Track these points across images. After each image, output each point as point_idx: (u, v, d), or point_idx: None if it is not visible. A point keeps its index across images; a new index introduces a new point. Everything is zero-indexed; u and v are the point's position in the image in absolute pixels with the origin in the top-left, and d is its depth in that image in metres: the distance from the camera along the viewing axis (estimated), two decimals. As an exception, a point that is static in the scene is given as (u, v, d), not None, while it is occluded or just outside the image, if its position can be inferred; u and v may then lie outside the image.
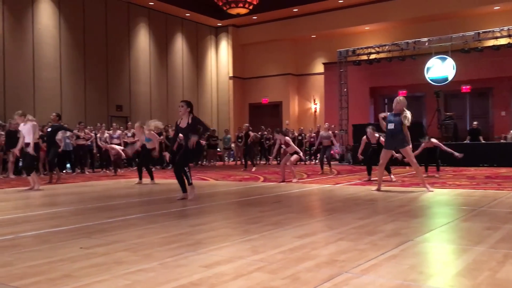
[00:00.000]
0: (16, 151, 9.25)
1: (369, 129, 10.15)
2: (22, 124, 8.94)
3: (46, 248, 3.77)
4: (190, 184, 6.88)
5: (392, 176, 9.99)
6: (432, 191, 7.58)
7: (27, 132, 8.85)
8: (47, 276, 2.93)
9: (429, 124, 17.99)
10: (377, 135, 9.97)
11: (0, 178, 12.49)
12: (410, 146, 7.63)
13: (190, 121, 6.79)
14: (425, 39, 17.83)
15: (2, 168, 12.98)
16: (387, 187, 8.21)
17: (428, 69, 18.41)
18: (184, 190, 6.93)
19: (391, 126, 7.51)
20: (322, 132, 13.64)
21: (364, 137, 10.34)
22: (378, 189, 7.76)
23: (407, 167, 14.42)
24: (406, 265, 3.09)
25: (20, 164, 11.56)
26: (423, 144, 10.81)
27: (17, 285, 2.76)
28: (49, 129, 10.34)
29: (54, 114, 10.52)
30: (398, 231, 4.23)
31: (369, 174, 10.19)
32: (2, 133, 12.70)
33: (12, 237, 4.23)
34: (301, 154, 10.74)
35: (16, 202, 7.22)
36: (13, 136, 11.35)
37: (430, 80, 18.43)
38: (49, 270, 3.07)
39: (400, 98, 7.58)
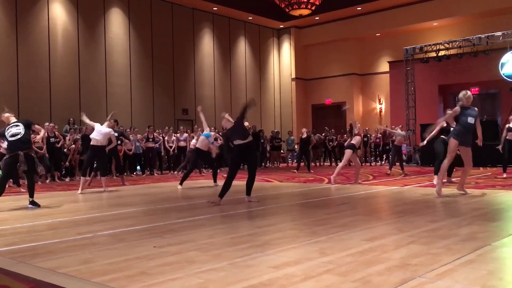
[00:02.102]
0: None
1: None
2: (100, 126, 9.52)
3: (123, 246, 3.96)
4: (248, 195, 7.03)
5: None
6: (470, 193, 7.20)
7: (106, 135, 9.46)
8: (125, 273, 3.08)
9: (504, 123, 16.97)
10: None
11: (76, 179, 13.23)
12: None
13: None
14: (499, 33, 16.87)
15: (80, 170, 13.71)
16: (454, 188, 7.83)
17: (502, 64, 17.41)
18: (221, 195, 6.79)
19: (471, 120, 6.84)
20: (399, 131, 13.43)
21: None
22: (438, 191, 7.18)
23: (481, 168, 13.73)
24: (484, 270, 2.95)
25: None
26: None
27: (98, 281, 2.93)
28: (116, 134, 10.96)
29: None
30: (474, 235, 4.04)
31: (449, 175, 9.43)
32: (79, 136, 13.43)
33: (91, 236, 4.48)
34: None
35: (93, 203, 7.64)
36: (88, 140, 12.00)
37: (505, 76, 17.41)
38: (126, 267, 3.23)
39: (470, 92, 7.09)
